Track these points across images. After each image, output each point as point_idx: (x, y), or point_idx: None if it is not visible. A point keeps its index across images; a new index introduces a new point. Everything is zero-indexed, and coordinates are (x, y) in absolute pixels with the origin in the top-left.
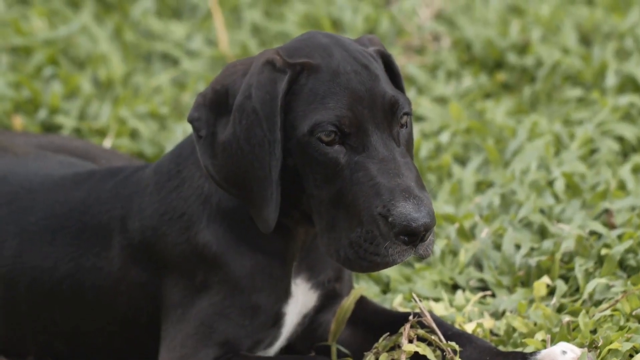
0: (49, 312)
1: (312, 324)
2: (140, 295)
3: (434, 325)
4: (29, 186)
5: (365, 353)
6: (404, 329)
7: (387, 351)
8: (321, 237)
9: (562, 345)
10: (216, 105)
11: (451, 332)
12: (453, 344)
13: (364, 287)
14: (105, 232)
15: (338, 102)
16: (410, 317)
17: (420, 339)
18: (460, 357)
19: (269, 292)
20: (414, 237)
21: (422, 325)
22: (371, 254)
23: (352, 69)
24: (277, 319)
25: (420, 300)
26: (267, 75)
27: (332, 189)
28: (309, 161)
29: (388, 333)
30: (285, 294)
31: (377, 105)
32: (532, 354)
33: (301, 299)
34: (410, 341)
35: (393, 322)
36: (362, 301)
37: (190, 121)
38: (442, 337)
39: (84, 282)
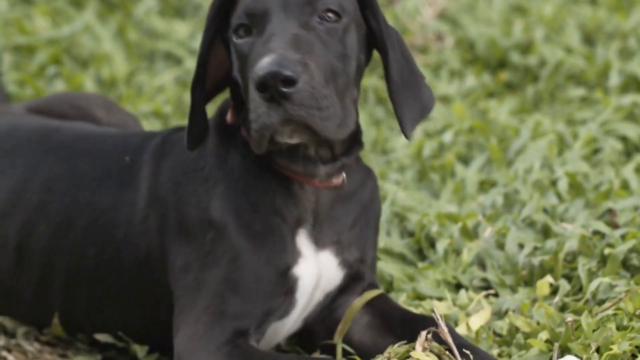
0: (80, 251)
1: (332, 303)
2: (155, 243)
3: (449, 340)
4: (81, 136)
5: (377, 356)
6: (420, 337)
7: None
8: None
9: (569, 359)
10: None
11: (457, 342)
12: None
13: (376, 290)
14: (138, 179)
15: None
16: (427, 329)
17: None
18: None
19: (275, 254)
20: (267, 89)
21: (436, 336)
22: (254, 122)
23: None
24: (289, 283)
25: (441, 317)
26: None
27: (245, 78)
28: (236, 59)
29: (404, 341)
30: (293, 256)
31: None
32: None
33: (326, 274)
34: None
35: (411, 320)
36: (382, 297)
37: None
38: (457, 356)
39: (119, 217)
